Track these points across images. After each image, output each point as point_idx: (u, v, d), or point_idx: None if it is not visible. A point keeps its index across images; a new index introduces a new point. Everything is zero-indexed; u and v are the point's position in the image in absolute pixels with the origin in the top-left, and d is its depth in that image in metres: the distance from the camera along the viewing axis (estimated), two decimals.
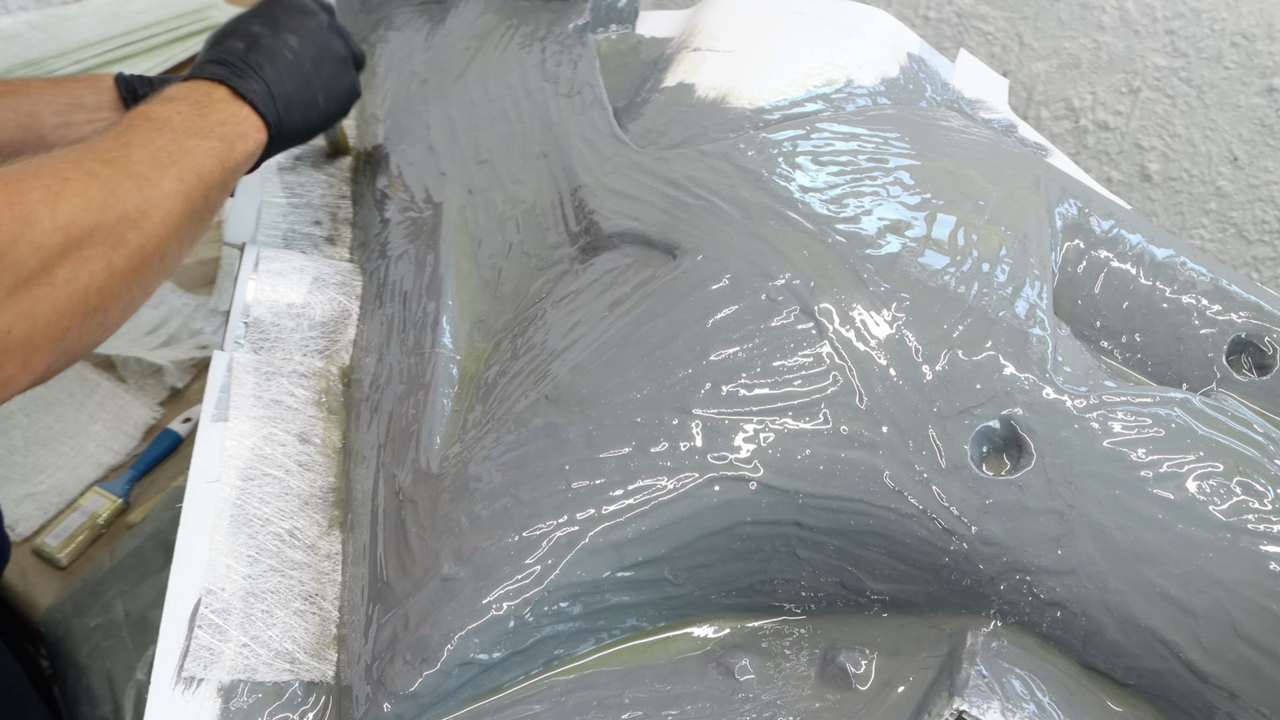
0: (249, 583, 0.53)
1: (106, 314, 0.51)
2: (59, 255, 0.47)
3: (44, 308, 0.46)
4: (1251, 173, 1.29)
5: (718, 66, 0.73)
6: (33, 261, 0.45)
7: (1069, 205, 0.62)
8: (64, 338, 0.48)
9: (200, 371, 1.04)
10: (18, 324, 0.45)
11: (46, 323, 0.47)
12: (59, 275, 0.47)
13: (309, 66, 0.67)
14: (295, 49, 0.66)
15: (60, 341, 0.48)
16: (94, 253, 0.49)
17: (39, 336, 0.46)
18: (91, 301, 0.49)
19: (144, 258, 0.52)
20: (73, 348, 0.49)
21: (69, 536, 0.90)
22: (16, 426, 0.97)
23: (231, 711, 0.48)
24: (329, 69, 0.69)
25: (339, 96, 0.70)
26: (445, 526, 0.50)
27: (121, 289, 0.51)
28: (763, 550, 0.51)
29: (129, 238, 0.51)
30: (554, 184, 0.68)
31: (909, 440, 0.50)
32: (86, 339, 0.50)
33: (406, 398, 0.59)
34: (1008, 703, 0.44)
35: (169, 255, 0.55)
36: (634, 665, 0.51)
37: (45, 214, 0.46)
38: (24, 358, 0.46)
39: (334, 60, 0.69)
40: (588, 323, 0.56)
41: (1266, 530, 0.47)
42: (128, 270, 0.51)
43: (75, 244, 0.48)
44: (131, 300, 0.53)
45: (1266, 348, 0.59)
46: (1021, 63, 1.31)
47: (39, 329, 0.46)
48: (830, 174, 0.59)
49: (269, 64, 0.64)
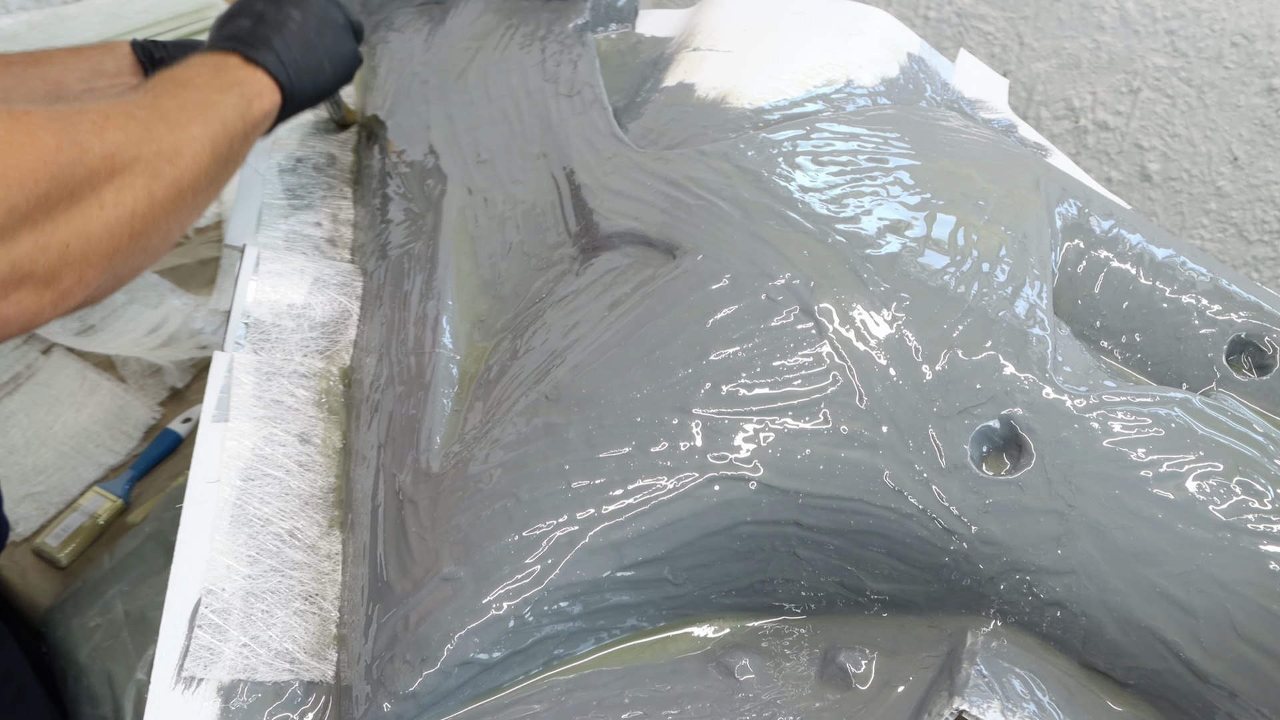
0: (249, 583, 0.53)
1: (149, 240, 0.56)
2: (106, 180, 0.52)
3: (96, 226, 0.52)
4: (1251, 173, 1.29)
5: (718, 66, 0.73)
6: (85, 184, 0.51)
7: (1069, 205, 0.62)
8: (113, 257, 0.53)
9: (200, 371, 1.04)
10: (74, 239, 0.50)
11: (98, 240, 0.52)
12: (107, 198, 0.52)
13: (313, 35, 0.71)
14: (299, 20, 0.71)
15: (110, 260, 0.53)
16: (136, 181, 0.54)
17: (92, 253, 0.52)
18: (136, 226, 0.54)
19: (179, 191, 0.57)
20: (120, 269, 0.55)
21: (69, 536, 0.90)
22: (16, 426, 0.97)
23: (231, 711, 0.48)
24: (331, 36, 0.73)
25: (342, 61, 0.75)
26: (445, 526, 0.50)
27: (160, 218, 0.56)
28: (763, 550, 0.51)
29: (165, 171, 0.56)
30: (554, 184, 0.68)
31: (909, 440, 0.50)
32: (132, 262, 0.56)
33: (406, 398, 0.59)
34: (1008, 702, 0.44)
35: (200, 194, 0.60)
36: (634, 665, 0.51)
37: (94, 142, 0.52)
38: (80, 272, 0.51)
39: (335, 28, 0.74)
40: (588, 322, 0.56)
41: (1266, 530, 0.47)
42: (165, 201, 0.56)
43: (119, 171, 0.53)
44: (169, 232, 0.58)
45: (1266, 348, 0.59)
46: (1021, 63, 1.31)
47: (92, 246, 0.52)
48: (830, 174, 0.59)
49: (276, 35, 0.69)
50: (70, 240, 0.50)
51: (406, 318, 0.64)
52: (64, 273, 0.50)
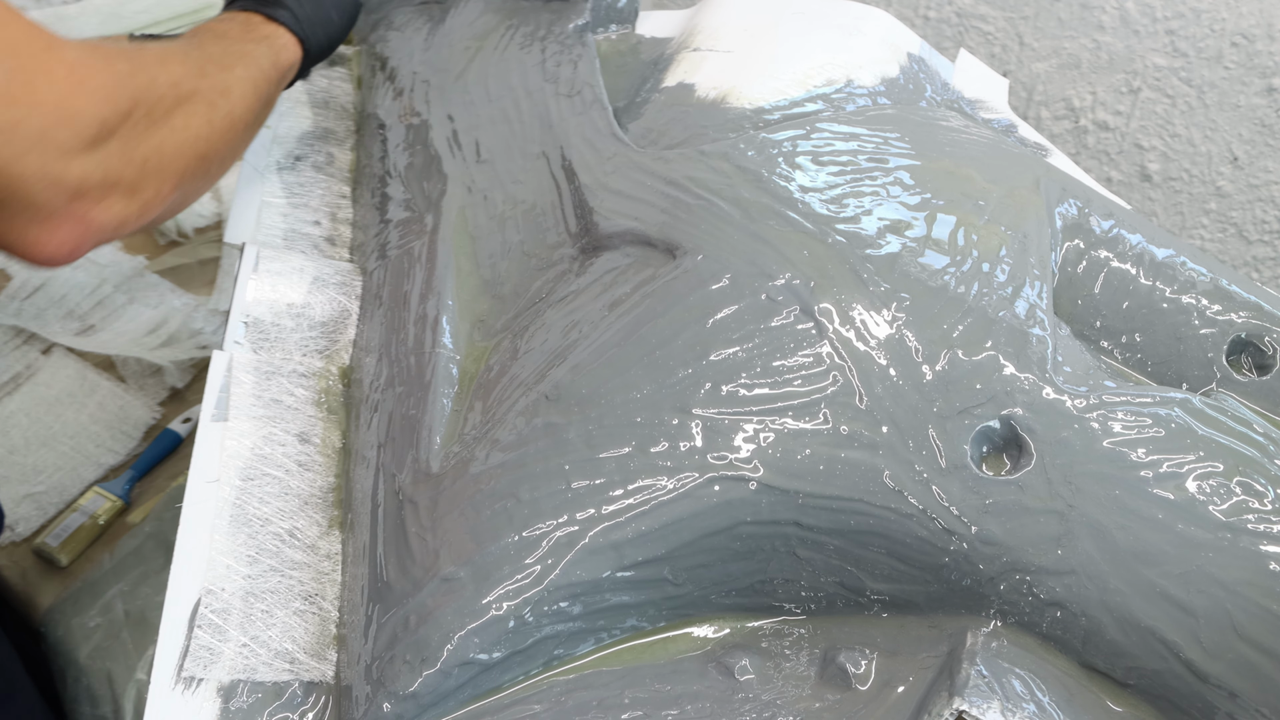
0: (249, 582, 0.53)
1: (210, 164, 0.63)
2: (173, 105, 0.59)
3: (169, 145, 0.58)
4: (1251, 173, 1.29)
5: (718, 66, 0.73)
6: (157, 106, 0.57)
7: (1069, 205, 0.62)
8: (183, 175, 0.60)
9: (200, 371, 1.04)
10: (151, 155, 0.57)
11: (171, 158, 0.59)
12: (176, 121, 0.59)
13: None
14: None
15: (180, 177, 0.60)
16: (197, 109, 0.61)
17: (167, 169, 0.58)
18: (200, 148, 0.61)
19: (231, 123, 0.64)
20: (187, 188, 0.62)
21: (69, 536, 0.90)
22: (16, 426, 0.97)
23: (231, 711, 0.48)
24: None
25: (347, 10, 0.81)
26: (445, 526, 0.50)
27: (219, 144, 0.63)
28: (763, 550, 0.51)
29: (220, 104, 0.63)
30: (554, 184, 0.68)
31: (909, 440, 0.50)
32: (197, 184, 0.63)
33: (406, 398, 0.59)
34: (1008, 703, 0.44)
35: (247, 129, 0.68)
36: (634, 665, 0.51)
37: (160, 72, 0.58)
38: (157, 185, 0.58)
39: None
40: (588, 322, 0.56)
41: (1266, 530, 0.47)
42: (222, 130, 0.63)
43: (183, 100, 0.60)
44: (224, 160, 0.65)
45: (1266, 348, 0.59)
46: (1021, 63, 1.31)
47: (166, 162, 0.58)
48: (830, 174, 0.59)
49: None
50: (149, 155, 0.57)
51: (406, 317, 0.64)
52: (145, 184, 0.57)
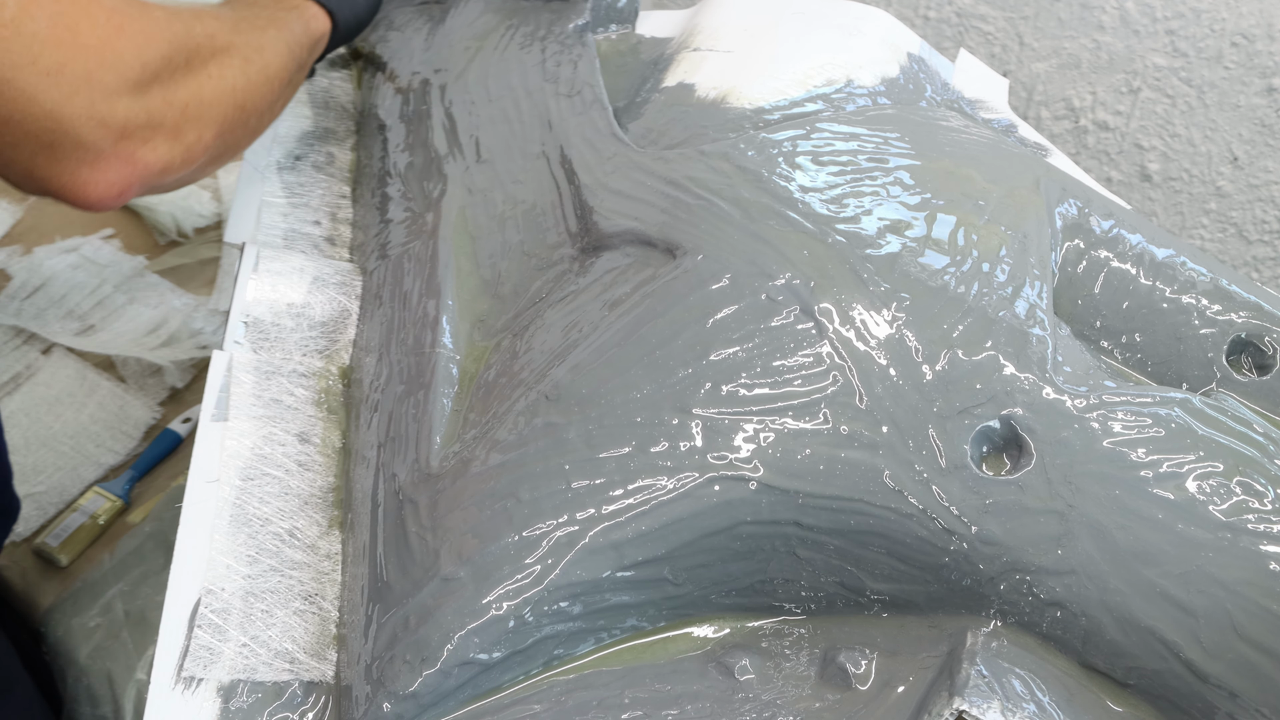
0: (249, 582, 0.53)
1: (248, 116, 0.64)
2: (210, 55, 0.60)
3: (208, 92, 0.60)
4: (1251, 173, 1.29)
5: (718, 66, 0.73)
6: (195, 55, 0.59)
7: (1069, 205, 0.62)
8: (223, 123, 0.61)
9: (200, 371, 1.04)
10: (192, 101, 0.58)
11: (211, 105, 0.60)
12: (213, 70, 0.60)
13: None
14: None
15: (221, 125, 0.61)
16: (234, 61, 0.62)
17: (207, 115, 0.60)
18: (238, 98, 0.62)
19: (267, 79, 0.65)
20: (228, 138, 0.63)
21: (69, 536, 0.90)
22: (16, 426, 0.97)
23: (231, 711, 0.48)
24: None
25: None
26: (445, 526, 0.50)
27: (256, 98, 0.64)
28: (763, 550, 0.51)
29: (255, 59, 0.64)
30: (554, 184, 0.68)
31: (909, 440, 0.50)
32: (237, 134, 0.64)
33: (406, 398, 0.59)
34: (1008, 703, 0.44)
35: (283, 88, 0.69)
36: (634, 665, 0.51)
37: (195, 24, 0.60)
38: (199, 130, 0.59)
39: None
40: (588, 322, 0.56)
41: (1266, 530, 0.47)
42: (259, 84, 0.64)
43: (220, 51, 0.61)
44: (261, 115, 0.67)
45: (1266, 348, 0.59)
46: (1021, 63, 1.31)
47: (206, 109, 0.59)
48: (830, 174, 0.59)
49: None
50: (189, 101, 0.58)
51: (406, 317, 0.64)
52: (187, 128, 0.58)
